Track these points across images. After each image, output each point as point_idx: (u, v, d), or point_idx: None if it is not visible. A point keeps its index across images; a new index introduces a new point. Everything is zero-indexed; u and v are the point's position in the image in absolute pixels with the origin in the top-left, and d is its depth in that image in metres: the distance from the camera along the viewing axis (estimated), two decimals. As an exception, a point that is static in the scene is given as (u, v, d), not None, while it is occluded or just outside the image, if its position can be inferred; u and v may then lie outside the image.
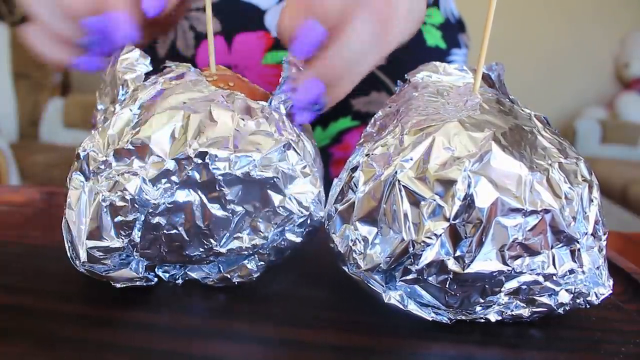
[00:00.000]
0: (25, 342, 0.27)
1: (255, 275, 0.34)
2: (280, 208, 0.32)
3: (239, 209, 0.31)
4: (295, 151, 0.32)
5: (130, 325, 0.29)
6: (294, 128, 0.34)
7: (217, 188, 0.30)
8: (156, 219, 0.30)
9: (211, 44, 0.37)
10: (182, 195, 0.30)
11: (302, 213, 0.32)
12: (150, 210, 0.30)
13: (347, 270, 0.31)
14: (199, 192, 0.30)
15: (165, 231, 0.31)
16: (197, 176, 0.30)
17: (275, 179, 0.31)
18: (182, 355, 0.27)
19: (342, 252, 0.31)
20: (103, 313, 0.30)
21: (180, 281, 0.34)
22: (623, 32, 3.04)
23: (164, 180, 0.29)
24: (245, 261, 0.34)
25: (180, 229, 0.31)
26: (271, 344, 0.28)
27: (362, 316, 0.31)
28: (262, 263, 0.34)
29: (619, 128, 2.87)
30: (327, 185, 0.35)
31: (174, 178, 0.29)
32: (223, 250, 0.32)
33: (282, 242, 0.34)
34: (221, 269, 0.34)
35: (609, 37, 3.06)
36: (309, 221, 0.33)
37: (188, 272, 0.34)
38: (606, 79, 3.15)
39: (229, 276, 0.34)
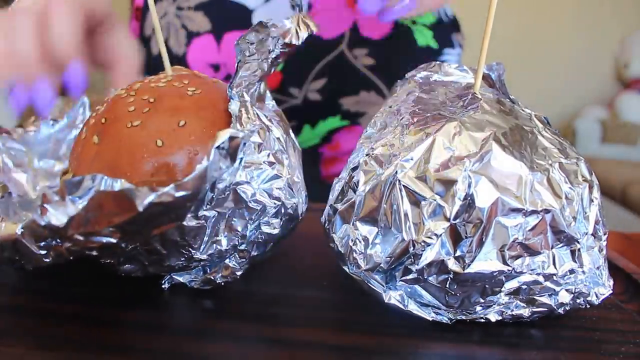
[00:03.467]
0: (25, 342, 0.27)
1: (239, 273, 0.34)
2: (252, 202, 0.31)
3: (211, 213, 0.30)
4: (257, 143, 0.31)
5: (130, 325, 0.29)
6: (256, 115, 0.32)
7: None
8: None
9: (162, 45, 0.36)
10: None
11: (274, 204, 0.32)
12: None
13: (347, 270, 0.31)
14: None
15: (142, 247, 0.30)
16: None
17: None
18: (182, 355, 0.27)
19: (342, 252, 0.31)
20: (103, 313, 0.30)
21: (166, 285, 0.34)
22: (623, 32, 3.04)
23: None
24: (227, 260, 0.33)
25: (156, 244, 0.30)
26: (271, 344, 0.28)
27: (362, 316, 0.31)
28: (244, 259, 0.34)
29: (619, 128, 2.87)
30: (318, 184, 0.35)
31: None
32: (203, 256, 0.31)
33: (260, 236, 0.33)
34: (206, 270, 0.34)
35: (609, 37, 3.06)
36: (282, 210, 0.33)
37: (174, 276, 0.34)
38: (606, 79, 3.15)
39: (212, 277, 0.33)
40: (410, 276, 0.29)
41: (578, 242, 0.28)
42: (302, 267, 0.39)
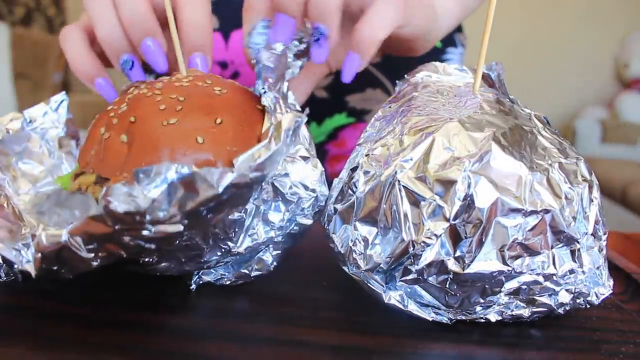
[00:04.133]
0: (25, 342, 0.27)
1: (273, 265, 0.35)
2: (289, 195, 0.32)
3: (250, 206, 0.31)
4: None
5: (130, 325, 0.29)
6: (287, 110, 0.33)
7: None
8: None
9: (178, 49, 0.37)
10: None
11: (309, 196, 0.33)
12: None
13: (347, 270, 0.31)
14: None
15: (183, 242, 0.30)
16: None
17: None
18: (182, 355, 0.27)
19: (342, 252, 0.31)
20: (103, 313, 0.30)
21: (194, 286, 0.34)
22: (623, 32, 3.03)
23: None
24: (260, 254, 0.34)
25: (197, 239, 0.30)
26: (271, 344, 0.28)
27: (362, 316, 0.31)
28: (278, 252, 0.34)
29: (619, 128, 2.87)
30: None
31: None
32: (241, 249, 0.32)
33: (295, 227, 0.34)
34: (234, 267, 0.34)
35: (609, 37, 3.06)
36: (316, 202, 0.33)
37: (202, 276, 0.34)
38: (606, 79, 3.15)
39: (246, 271, 0.34)
40: (410, 276, 0.29)
41: (578, 242, 0.28)
42: (302, 267, 0.39)
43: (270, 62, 0.36)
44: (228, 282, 0.34)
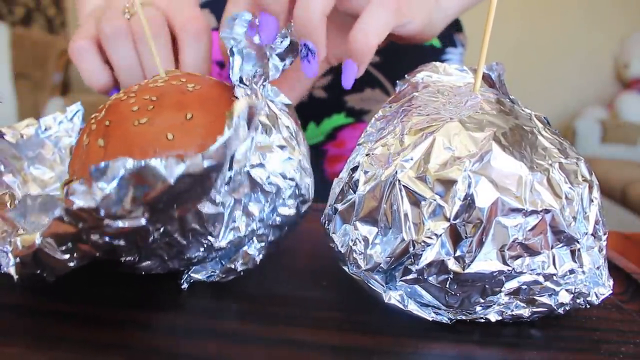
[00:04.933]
0: (25, 342, 0.27)
1: (258, 259, 0.34)
2: (267, 185, 0.32)
3: (228, 199, 0.31)
4: (267, 126, 0.33)
5: (129, 324, 0.29)
6: (264, 101, 0.34)
7: None
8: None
9: (154, 49, 0.37)
10: None
11: (289, 185, 0.33)
12: None
13: (347, 270, 0.31)
14: None
15: (163, 239, 0.30)
16: None
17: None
18: (182, 356, 0.27)
19: (342, 252, 0.31)
20: (103, 313, 0.30)
21: (185, 285, 0.34)
22: (623, 32, 3.03)
23: None
24: (245, 247, 0.34)
25: (176, 235, 0.30)
26: (271, 343, 0.28)
27: (362, 316, 0.31)
28: (262, 244, 0.34)
29: (619, 128, 2.87)
30: (322, 182, 0.35)
31: None
32: (223, 244, 0.32)
33: (277, 219, 0.34)
34: (223, 263, 0.34)
35: (609, 37, 3.06)
36: (297, 191, 0.33)
37: (192, 275, 0.34)
38: (606, 79, 3.15)
39: (232, 266, 0.34)
40: (410, 276, 0.29)
41: (578, 242, 0.28)
42: (302, 267, 0.39)
43: (251, 50, 0.35)
44: (217, 279, 0.34)
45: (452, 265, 0.28)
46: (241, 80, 0.34)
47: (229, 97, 0.34)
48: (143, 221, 0.26)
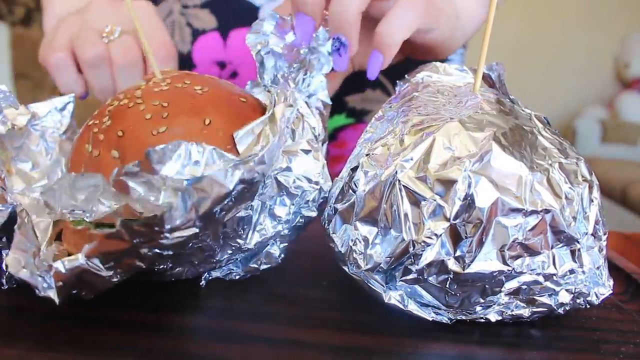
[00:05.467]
0: (25, 343, 0.27)
1: (281, 258, 0.35)
2: (293, 188, 0.33)
3: (256, 203, 0.32)
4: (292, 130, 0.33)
5: (130, 325, 0.29)
6: (295, 100, 0.34)
7: None
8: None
9: (149, 53, 0.37)
10: None
11: (313, 188, 0.33)
12: None
13: (347, 270, 0.31)
14: None
15: (195, 245, 0.30)
16: None
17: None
18: (182, 355, 0.27)
19: (342, 252, 0.31)
20: (103, 313, 0.30)
21: (203, 283, 0.34)
22: (623, 32, 3.03)
23: None
24: (268, 247, 0.35)
25: (208, 240, 0.30)
26: (271, 343, 0.28)
27: (362, 316, 0.31)
28: (285, 244, 0.35)
29: (619, 128, 2.87)
30: None
31: None
32: (251, 245, 0.33)
33: (300, 220, 0.35)
34: (242, 263, 0.35)
35: (609, 37, 3.06)
36: (320, 194, 0.34)
37: (212, 272, 0.35)
38: (606, 79, 3.15)
39: (255, 266, 0.35)
40: (410, 276, 0.29)
41: (578, 242, 0.28)
42: (303, 267, 0.39)
43: (282, 49, 0.37)
44: (237, 277, 0.35)
45: (452, 265, 0.28)
46: (274, 79, 0.35)
47: (236, 96, 0.34)
48: (196, 230, 0.27)
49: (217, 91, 0.34)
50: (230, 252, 0.33)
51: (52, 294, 0.27)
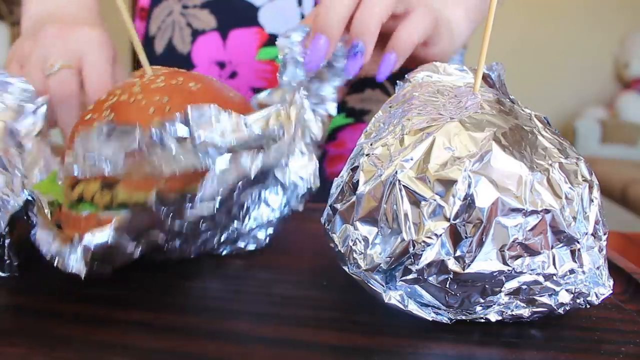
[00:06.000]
0: (25, 342, 0.27)
1: (266, 243, 0.40)
2: (287, 183, 0.37)
3: (255, 191, 0.35)
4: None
5: (130, 325, 0.29)
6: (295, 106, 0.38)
7: None
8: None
9: (138, 47, 0.38)
10: None
11: (304, 185, 0.38)
12: None
13: (347, 270, 0.31)
14: None
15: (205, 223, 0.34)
16: None
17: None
18: (182, 355, 0.27)
19: (342, 252, 0.31)
20: (103, 313, 0.30)
21: (192, 255, 0.37)
22: (623, 32, 3.04)
23: None
24: (254, 231, 0.39)
25: (217, 219, 0.34)
26: (271, 343, 0.28)
27: (362, 316, 0.31)
28: (271, 231, 0.40)
29: (619, 128, 2.87)
30: (322, 182, 0.38)
31: None
32: (244, 230, 0.38)
33: (287, 211, 0.39)
34: (237, 240, 0.39)
35: (608, 37, 3.06)
36: (308, 192, 0.38)
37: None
38: (606, 79, 3.15)
39: (242, 246, 0.39)
40: (410, 276, 0.29)
41: (578, 242, 0.28)
42: (303, 267, 0.39)
43: (301, 59, 0.40)
44: (224, 253, 0.39)
45: (452, 265, 0.28)
46: (289, 83, 0.39)
47: (226, 92, 0.37)
48: (216, 205, 0.31)
49: (209, 87, 0.36)
50: (225, 235, 0.37)
51: (80, 268, 0.29)
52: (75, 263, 0.29)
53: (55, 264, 0.29)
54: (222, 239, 0.38)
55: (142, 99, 0.34)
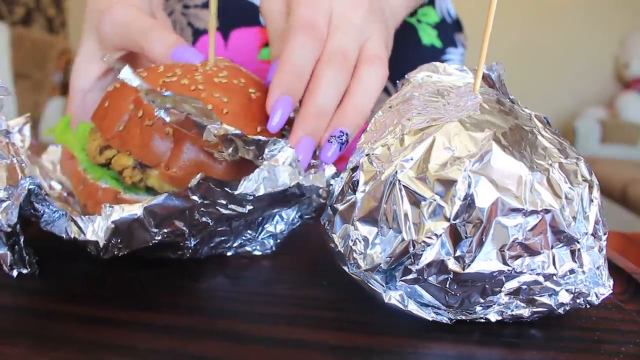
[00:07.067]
0: (25, 342, 0.27)
1: (271, 250, 0.40)
2: (307, 199, 0.36)
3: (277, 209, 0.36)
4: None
5: (130, 325, 0.29)
6: None
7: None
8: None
9: (212, 37, 0.38)
10: None
11: (316, 201, 0.37)
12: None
13: (347, 270, 0.31)
14: None
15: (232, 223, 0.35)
16: None
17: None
18: (182, 355, 0.27)
19: (342, 252, 0.31)
20: (103, 313, 0.30)
21: (203, 256, 0.37)
22: (623, 32, 3.03)
23: None
24: (262, 238, 0.39)
25: (241, 222, 0.35)
26: (271, 343, 0.28)
27: (362, 316, 0.31)
28: (278, 239, 0.40)
29: (619, 128, 2.87)
30: None
31: None
32: (258, 239, 0.38)
33: (298, 223, 0.39)
34: (245, 245, 0.39)
35: (608, 37, 3.06)
36: (318, 205, 0.38)
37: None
38: (606, 79, 3.15)
39: (249, 250, 0.39)
40: (410, 276, 0.29)
41: (578, 242, 0.28)
42: (302, 266, 0.39)
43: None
44: (229, 254, 0.39)
45: (452, 265, 0.28)
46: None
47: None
48: (250, 207, 0.31)
49: (264, 97, 0.35)
50: (239, 241, 0.37)
51: (101, 236, 0.30)
52: (96, 232, 0.30)
53: (70, 235, 0.30)
54: (235, 244, 0.38)
55: (203, 91, 0.34)
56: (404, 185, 0.28)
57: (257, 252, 0.39)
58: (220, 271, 0.37)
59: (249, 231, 0.38)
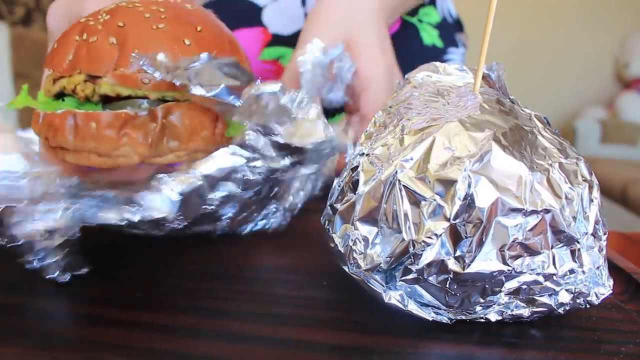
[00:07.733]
0: (25, 342, 0.27)
1: (284, 224, 0.43)
2: (313, 182, 0.42)
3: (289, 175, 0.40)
4: None
5: (130, 325, 0.29)
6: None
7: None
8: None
9: None
10: None
11: (323, 183, 0.43)
12: None
13: (347, 270, 0.31)
14: None
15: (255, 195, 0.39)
16: None
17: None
18: (182, 355, 0.27)
19: (342, 252, 0.30)
20: (103, 312, 0.30)
21: (237, 230, 0.41)
22: (623, 32, 3.03)
23: None
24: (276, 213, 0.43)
25: (270, 193, 0.40)
26: (271, 343, 0.28)
27: (362, 316, 0.31)
28: (288, 215, 0.43)
29: (619, 128, 2.87)
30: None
31: None
32: (277, 211, 0.42)
33: (300, 203, 0.43)
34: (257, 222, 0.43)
35: (608, 37, 3.06)
36: (327, 179, 0.43)
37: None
38: (606, 79, 3.15)
39: (266, 223, 0.43)
40: (410, 276, 0.29)
41: (578, 242, 0.28)
42: (302, 267, 0.39)
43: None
44: (245, 232, 0.42)
45: (452, 265, 0.28)
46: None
47: (218, 22, 0.41)
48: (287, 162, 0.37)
49: (204, 12, 0.39)
50: (263, 213, 0.41)
51: (169, 210, 0.32)
52: (164, 205, 0.32)
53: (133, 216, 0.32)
54: (259, 218, 0.41)
55: (140, 7, 0.36)
56: (404, 185, 0.28)
57: (273, 224, 0.43)
58: (220, 271, 0.37)
59: (273, 201, 0.41)
